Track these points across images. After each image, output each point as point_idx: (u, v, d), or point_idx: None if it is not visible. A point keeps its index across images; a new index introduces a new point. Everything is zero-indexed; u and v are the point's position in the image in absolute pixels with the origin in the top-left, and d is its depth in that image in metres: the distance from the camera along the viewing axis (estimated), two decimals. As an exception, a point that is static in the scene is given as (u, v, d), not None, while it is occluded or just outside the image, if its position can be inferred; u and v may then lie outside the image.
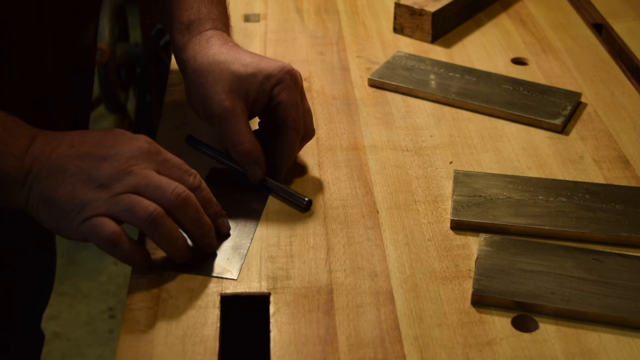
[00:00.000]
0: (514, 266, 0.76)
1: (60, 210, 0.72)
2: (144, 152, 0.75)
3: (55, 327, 2.00)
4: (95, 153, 0.74)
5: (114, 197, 0.72)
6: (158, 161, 0.75)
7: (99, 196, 0.72)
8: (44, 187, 0.73)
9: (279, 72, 0.85)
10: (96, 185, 0.72)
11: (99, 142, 0.75)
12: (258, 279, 0.76)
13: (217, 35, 0.90)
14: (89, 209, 0.72)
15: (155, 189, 0.73)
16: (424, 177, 0.90)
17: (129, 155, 0.74)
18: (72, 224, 0.72)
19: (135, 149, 0.75)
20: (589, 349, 0.70)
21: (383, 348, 0.69)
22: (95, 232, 0.71)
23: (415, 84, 1.05)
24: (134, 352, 0.69)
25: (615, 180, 0.90)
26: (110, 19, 2.27)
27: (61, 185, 0.72)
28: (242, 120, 0.84)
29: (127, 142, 0.75)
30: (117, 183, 0.72)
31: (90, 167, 0.73)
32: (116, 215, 0.72)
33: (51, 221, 0.74)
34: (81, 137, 0.76)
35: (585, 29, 1.21)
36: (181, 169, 0.77)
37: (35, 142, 0.74)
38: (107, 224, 0.71)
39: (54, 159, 0.73)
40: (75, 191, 0.72)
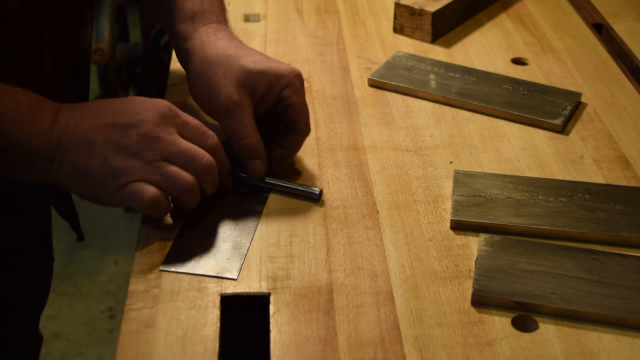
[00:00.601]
0: (514, 266, 0.76)
1: (95, 180, 0.76)
2: (165, 117, 0.78)
3: (55, 327, 2.00)
4: (119, 122, 0.77)
5: (149, 165, 0.76)
6: (179, 124, 0.79)
7: (132, 164, 0.76)
8: (74, 160, 0.76)
9: (289, 74, 0.86)
10: (127, 153, 0.76)
11: (119, 110, 0.78)
12: (258, 279, 0.76)
13: (223, 29, 0.91)
14: (124, 176, 0.76)
15: (185, 158, 0.77)
16: (424, 177, 0.90)
17: (152, 121, 0.77)
18: (108, 192, 0.76)
19: (157, 114, 0.77)
20: (589, 349, 0.70)
21: (383, 348, 0.69)
22: (135, 196, 0.76)
23: (415, 84, 1.05)
24: (134, 352, 0.69)
25: (615, 180, 0.90)
26: (110, 19, 2.27)
27: (92, 156, 0.76)
28: (249, 114, 0.85)
29: (148, 108, 0.78)
30: (147, 150, 0.76)
31: (117, 136, 0.76)
32: (153, 183, 0.76)
33: (86, 191, 0.78)
34: (102, 107, 0.78)
35: (585, 29, 1.21)
36: (200, 131, 0.80)
37: (59, 116, 0.77)
38: (147, 188, 0.76)
39: (79, 132, 0.76)
40: (106, 160, 0.76)
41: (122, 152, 0.76)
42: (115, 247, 2.24)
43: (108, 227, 2.29)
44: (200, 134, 0.80)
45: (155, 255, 0.78)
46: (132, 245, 1.45)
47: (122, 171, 0.76)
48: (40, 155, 0.76)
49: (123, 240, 2.26)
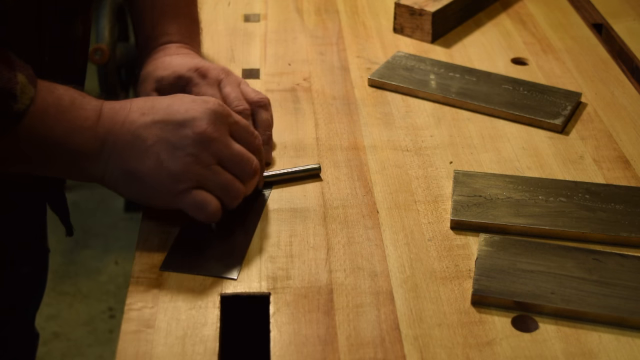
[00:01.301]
0: (514, 266, 0.76)
1: (148, 182, 0.75)
2: (218, 116, 0.77)
3: (55, 327, 2.00)
4: (171, 119, 0.75)
5: (206, 170, 0.75)
6: (230, 123, 0.78)
7: (190, 168, 0.74)
8: (125, 159, 0.74)
9: (187, 71, 0.90)
10: (183, 154, 0.74)
11: (170, 106, 0.77)
12: (258, 279, 0.76)
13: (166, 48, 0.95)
14: (183, 182, 0.74)
15: (237, 162, 0.77)
16: (424, 177, 0.90)
17: (206, 120, 0.76)
18: (163, 195, 0.75)
19: (211, 112, 0.76)
20: (589, 349, 0.70)
21: (383, 348, 0.69)
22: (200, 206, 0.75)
23: (415, 84, 1.05)
24: (134, 352, 0.69)
25: (615, 180, 0.90)
26: (110, 19, 2.27)
27: (144, 156, 0.74)
28: None
29: (200, 106, 0.77)
30: (203, 152, 0.75)
31: (171, 134, 0.75)
32: (208, 188, 0.76)
33: (136, 193, 0.76)
34: (149, 103, 0.77)
35: (585, 29, 1.21)
36: (248, 132, 0.80)
37: (103, 112, 0.75)
38: (210, 200, 0.75)
39: (128, 129, 0.75)
40: (161, 162, 0.74)
41: (178, 152, 0.74)
42: (115, 247, 2.24)
43: (108, 227, 2.29)
44: (248, 134, 0.80)
45: (155, 255, 0.78)
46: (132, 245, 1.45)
47: (180, 175, 0.74)
48: (84, 153, 0.74)
49: (123, 240, 2.26)
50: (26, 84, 0.71)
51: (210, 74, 0.90)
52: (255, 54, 1.13)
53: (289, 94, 1.04)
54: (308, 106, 1.02)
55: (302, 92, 1.05)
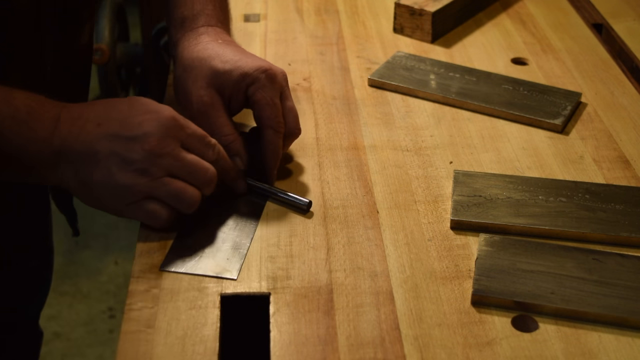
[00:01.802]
0: (514, 266, 0.76)
1: (99, 193, 0.76)
2: (170, 130, 0.77)
3: (55, 327, 2.00)
4: (124, 134, 0.76)
5: (155, 182, 0.76)
6: (184, 136, 0.78)
7: (138, 181, 0.75)
8: (77, 169, 0.75)
9: (254, 71, 0.86)
10: (132, 169, 0.75)
11: (125, 119, 0.76)
12: (258, 279, 0.76)
13: (208, 31, 0.92)
14: (131, 194, 0.76)
15: (189, 172, 0.77)
16: (424, 177, 0.90)
17: (157, 136, 0.76)
18: (114, 204, 0.77)
19: (163, 127, 0.76)
20: (589, 349, 0.70)
21: (383, 348, 0.69)
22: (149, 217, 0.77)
23: (415, 84, 1.05)
24: (134, 352, 0.69)
25: (615, 180, 0.90)
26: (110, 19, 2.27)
27: (95, 168, 0.75)
28: (222, 114, 0.86)
29: (153, 119, 0.77)
30: (153, 167, 0.75)
31: (121, 149, 0.75)
32: (160, 198, 0.77)
33: (91, 200, 0.78)
34: (106, 113, 0.77)
35: (585, 29, 1.21)
36: (204, 142, 0.80)
37: (60, 122, 0.76)
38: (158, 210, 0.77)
39: (82, 140, 0.75)
40: (112, 175, 0.75)
41: (127, 167, 0.75)
42: (115, 247, 2.24)
43: (108, 227, 2.29)
44: (203, 145, 0.80)
45: (155, 255, 0.78)
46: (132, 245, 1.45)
47: (129, 188, 0.75)
48: (40, 162, 0.75)
49: (123, 240, 2.26)
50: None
51: (277, 79, 0.88)
52: (255, 54, 1.13)
53: (289, 94, 1.03)
54: (308, 106, 1.02)
55: (302, 92, 1.05)
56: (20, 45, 0.83)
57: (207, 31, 0.92)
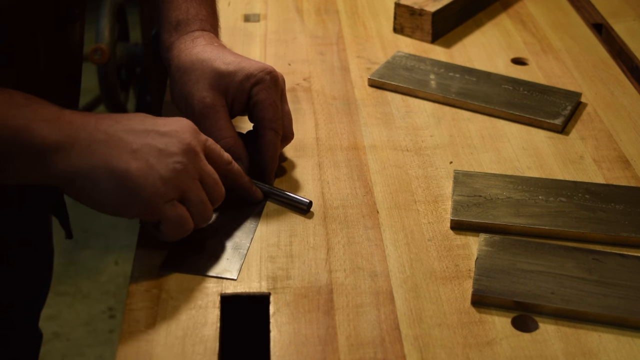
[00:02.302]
0: (514, 266, 0.76)
1: (136, 184, 0.71)
2: (195, 133, 0.77)
3: (55, 327, 2.00)
4: (154, 129, 0.74)
5: (193, 183, 0.74)
6: (203, 141, 0.78)
7: (179, 175, 0.73)
8: (109, 158, 0.71)
9: (259, 72, 0.86)
10: (172, 161, 0.73)
11: (144, 121, 0.75)
12: (258, 279, 0.76)
13: (203, 35, 0.91)
14: (173, 189, 0.73)
15: (211, 185, 0.76)
16: (424, 177, 0.90)
17: (189, 134, 0.75)
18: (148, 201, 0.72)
19: (189, 129, 0.76)
20: (589, 349, 0.70)
21: (383, 348, 0.69)
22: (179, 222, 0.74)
23: (415, 84, 1.05)
24: (134, 352, 0.69)
25: (615, 180, 0.90)
26: (110, 19, 2.27)
27: (132, 158, 0.71)
28: (223, 116, 0.86)
29: (175, 122, 0.76)
30: (191, 164, 0.74)
31: (157, 141, 0.73)
32: (189, 203, 0.75)
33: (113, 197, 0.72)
34: (116, 115, 0.75)
35: (585, 29, 1.21)
36: (217, 148, 0.80)
37: (64, 112, 0.72)
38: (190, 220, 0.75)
39: (104, 130, 0.72)
40: (151, 166, 0.72)
41: (167, 158, 0.73)
42: (115, 247, 2.24)
43: (108, 227, 2.29)
44: (218, 150, 0.80)
45: (155, 255, 0.78)
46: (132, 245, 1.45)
47: (172, 181, 0.72)
48: (50, 146, 0.70)
49: (123, 240, 2.26)
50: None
51: (279, 82, 0.88)
52: (255, 54, 1.13)
53: (289, 94, 1.03)
54: (308, 106, 1.02)
55: (302, 92, 1.05)
56: (15, 43, 0.82)
57: (203, 35, 0.92)
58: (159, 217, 0.74)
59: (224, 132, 0.85)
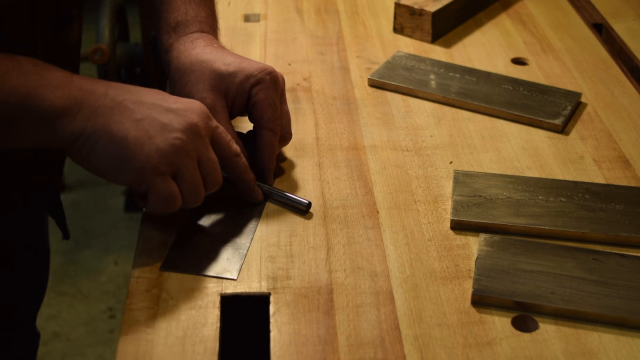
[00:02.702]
0: (514, 266, 0.76)
1: (131, 152, 0.72)
2: (205, 116, 0.76)
3: (55, 327, 2.00)
4: (161, 104, 0.74)
5: (189, 160, 0.74)
6: (212, 127, 0.78)
7: (176, 150, 0.73)
8: (111, 123, 0.72)
9: (259, 72, 0.86)
10: (172, 137, 0.73)
11: (156, 95, 0.75)
12: (258, 279, 0.76)
13: (202, 37, 0.91)
14: (167, 163, 0.73)
15: (210, 169, 0.76)
16: (424, 177, 0.90)
17: (197, 114, 0.75)
18: (139, 170, 0.72)
19: (199, 110, 0.76)
20: (589, 349, 0.70)
21: (383, 348, 0.69)
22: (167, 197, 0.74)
23: (415, 84, 1.05)
24: (134, 352, 0.69)
25: (615, 180, 0.90)
26: (110, 19, 2.27)
27: (133, 126, 0.72)
28: (223, 117, 0.86)
29: (187, 102, 0.76)
30: (190, 144, 0.74)
31: (161, 116, 0.73)
32: (181, 182, 0.74)
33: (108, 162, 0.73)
34: (133, 87, 0.76)
35: (585, 29, 1.21)
36: (227, 138, 0.79)
37: (75, 77, 0.73)
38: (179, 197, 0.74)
39: (112, 98, 0.73)
40: (150, 137, 0.72)
41: (167, 133, 0.73)
42: (115, 247, 2.24)
43: (108, 227, 2.29)
44: (228, 139, 0.79)
45: (155, 255, 0.78)
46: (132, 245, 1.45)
47: (168, 154, 0.73)
48: (57, 111, 0.71)
49: (123, 240, 2.26)
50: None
51: (279, 82, 0.88)
52: (255, 54, 1.13)
53: (289, 94, 1.03)
54: (308, 106, 1.02)
55: (302, 92, 1.05)
56: (14, 43, 0.82)
57: (202, 37, 0.92)
58: (148, 188, 0.74)
59: None
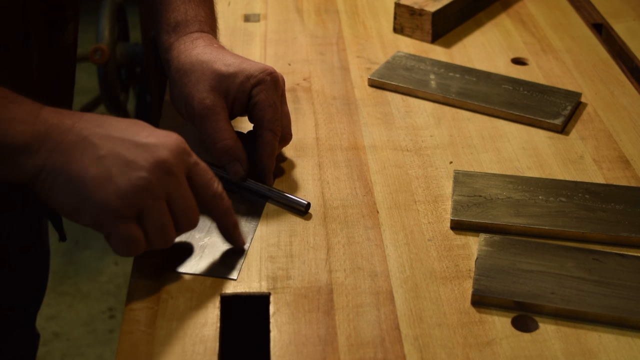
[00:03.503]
0: (514, 266, 0.76)
1: (89, 193, 0.68)
2: (180, 151, 0.71)
3: (55, 327, 2.00)
4: (130, 139, 0.70)
5: (154, 202, 0.69)
6: (190, 164, 0.73)
7: (139, 191, 0.68)
8: (70, 161, 0.68)
9: (260, 73, 0.86)
10: (136, 176, 0.68)
11: (128, 128, 0.71)
12: (258, 279, 0.76)
13: (202, 37, 0.91)
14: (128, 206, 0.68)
15: (183, 209, 0.72)
16: (424, 177, 0.90)
17: (169, 150, 0.70)
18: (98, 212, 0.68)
19: (175, 145, 0.71)
20: (589, 349, 0.70)
21: (383, 348, 0.69)
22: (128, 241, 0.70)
23: (415, 84, 1.05)
24: (134, 352, 0.69)
25: (615, 180, 0.90)
26: (110, 19, 2.27)
27: (93, 164, 0.68)
28: (223, 117, 0.85)
29: (161, 136, 0.71)
30: (157, 182, 0.69)
31: (127, 152, 0.69)
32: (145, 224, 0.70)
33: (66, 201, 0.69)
34: (106, 118, 0.72)
35: (585, 29, 1.21)
36: (207, 176, 0.75)
37: (44, 111, 0.70)
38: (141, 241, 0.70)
39: (78, 132, 0.69)
40: (110, 177, 0.68)
41: (131, 172, 0.68)
42: (116, 247, 2.24)
43: (108, 227, 2.29)
44: (207, 179, 0.75)
45: (155, 255, 0.78)
46: (132, 245, 1.45)
47: (128, 197, 0.68)
48: (18, 146, 0.67)
49: (123, 240, 2.25)
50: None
51: (280, 83, 0.87)
52: (255, 54, 1.13)
53: (289, 94, 1.04)
54: (308, 106, 1.02)
55: (302, 92, 1.05)
56: (7, 43, 0.82)
57: (202, 36, 0.91)
58: (108, 231, 0.70)
59: (224, 134, 0.84)
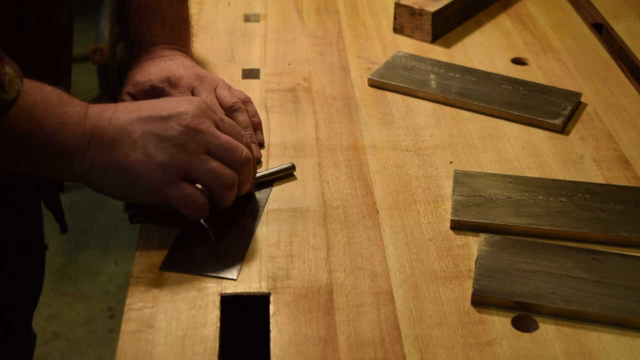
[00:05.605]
0: (514, 266, 0.76)
1: (136, 174, 0.75)
2: (203, 110, 0.79)
3: (55, 327, 2.00)
4: (157, 114, 0.77)
5: (194, 158, 0.76)
6: (216, 119, 0.80)
7: (178, 157, 0.76)
8: (111, 153, 0.75)
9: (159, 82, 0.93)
10: (170, 144, 0.76)
11: (154, 105, 0.78)
12: (258, 279, 0.76)
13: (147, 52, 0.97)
14: (170, 171, 0.75)
15: (226, 150, 0.78)
16: (424, 177, 0.90)
17: (192, 113, 0.77)
18: (150, 187, 0.75)
19: (196, 107, 0.78)
20: (589, 349, 0.70)
21: (383, 348, 0.69)
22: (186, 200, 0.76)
23: (415, 84, 1.05)
24: (134, 352, 0.69)
25: (615, 180, 0.90)
26: (110, 19, 2.27)
27: (131, 149, 0.75)
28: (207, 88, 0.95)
29: (185, 102, 0.79)
30: (191, 142, 0.76)
31: (158, 127, 0.76)
32: (196, 178, 0.77)
33: (121, 187, 0.76)
34: (136, 104, 0.79)
35: (585, 29, 1.21)
36: (236, 128, 0.82)
37: (90, 110, 0.77)
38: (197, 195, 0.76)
39: (115, 124, 0.76)
40: (148, 154, 0.75)
41: (165, 143, 0.75)
42: (115, 247, 2.24)
43: (108, 227, 2.29)
44: (236, 131, 0.81)
45: (155, 255, 0.78)
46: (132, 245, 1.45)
47: (168, 165, 0.75)
48: (71, 148, 0.74)
49: (123, 240, 2.26)
50: (14, 77, 0.71)
51: (182, 83, 0.93)
52: (255, 54, 1.13)
53: (289, 94, 1.04)
54: (308, 106, 1.02)
55: (302, 92, 1.05)
56: (3, 25, 0.82)
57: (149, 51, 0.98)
58: (166, 200, 0.77)
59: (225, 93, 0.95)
